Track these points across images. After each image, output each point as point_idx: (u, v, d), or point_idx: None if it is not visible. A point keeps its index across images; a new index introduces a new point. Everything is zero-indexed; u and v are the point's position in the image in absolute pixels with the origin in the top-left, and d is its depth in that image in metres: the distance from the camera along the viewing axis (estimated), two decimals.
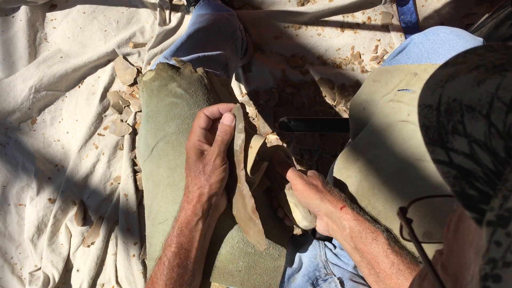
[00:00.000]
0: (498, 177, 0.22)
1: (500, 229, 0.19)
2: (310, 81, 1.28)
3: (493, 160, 0.22)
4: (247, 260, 0.62)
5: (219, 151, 0.57)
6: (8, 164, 1.25)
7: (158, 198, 0.66)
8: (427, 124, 0.25)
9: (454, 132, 0.24)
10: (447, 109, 0.25)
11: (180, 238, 0.57)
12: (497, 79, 0.24)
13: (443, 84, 0.26)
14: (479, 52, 0.27)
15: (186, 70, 0.71)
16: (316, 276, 0.64)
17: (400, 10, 1.29)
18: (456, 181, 0.23)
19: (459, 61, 0.27)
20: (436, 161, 0.24)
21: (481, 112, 0.23)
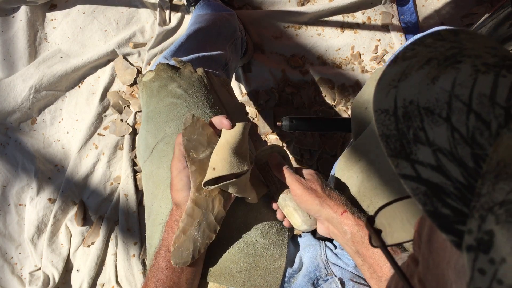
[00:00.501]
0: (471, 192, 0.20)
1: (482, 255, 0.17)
2: (310, 81, 1.27)
3: (462, 172, 0.20)
4: (247, 261, 0.62)
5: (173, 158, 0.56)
6: (8, 164, 1.25)
7: (158, 199, 0.66)
8: (386, 133, 0.23)
9: (416, 140, 0.22)
10: (405, 113, 0.23)
11: (167, 242, 0.57)
12: (451, 73, 0.22)
13: (396, 84, 0.24)
14: (427, 42, 0.25)
15: (186, 71, 0.71)
16: (317, 276, 0.64)
17: (400, 10, 1.29)
18: (427, 199, 0.21)
19: (409, 55, 0.25)
20: (402, 176, 0.22)
21: (440, 114, 0.22)
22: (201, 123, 0.56)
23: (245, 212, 0.66)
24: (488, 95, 0.21)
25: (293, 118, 0.96)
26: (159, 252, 0.57)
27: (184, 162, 0.55)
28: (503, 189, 0.18)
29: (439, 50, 0.24)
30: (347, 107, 1.26)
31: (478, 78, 0.21)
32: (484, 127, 0.20)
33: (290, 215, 0.62)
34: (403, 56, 0.25)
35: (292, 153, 1.26)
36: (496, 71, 0.22)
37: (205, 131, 0.56)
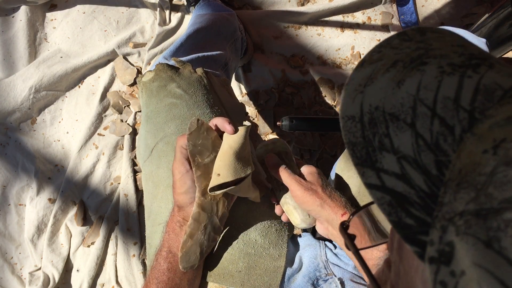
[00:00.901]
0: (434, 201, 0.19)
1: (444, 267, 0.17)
2: (310, 81, 1.27)
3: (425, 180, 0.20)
4: (247, 261, 0.62)
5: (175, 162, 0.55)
6: (8, 164, 1.25)
7: (158, 199, 0.66)
8: (353, 140, 0.22)
9: (382, 148, 0.21)
10: (371, 119, 0.22)
11: (168, 243, 0.57)
12: (417, 76, 0.21)
13: (362, 89, 0.23)
14: (394, 44, 0.24)
15: (185, 71, 0.71)
16: (317, 276, 0.64)
17: (400, 10, 1.29)
18: (392, 209, 0.20)
19: (375, 58, 0.24)
20: (368, 185, 0.21)
21: (405, 120, 0.21)
22: (205, 127, 0.55)
23: (244, 212, 0.66)
24: (453, 98, 0.20)
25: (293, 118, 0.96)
26: (160, 253, 0.57)
27: (187, 165, 0.55)
28: (463, 198, 0.17)
29: (405, 51, 0.23)
30: None
31: (443, 80, 0.21)
32: (448, 132, 0.20)
33: (290, 213, 0.62)
34: (370, 59, 0.24)
35: (292, 153, 1.26)
36: (462, 71, 0.21)
37: (209, 135, 0.56)
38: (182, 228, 0.57)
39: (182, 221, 0.57)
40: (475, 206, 0.17)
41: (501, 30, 1.02)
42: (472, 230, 0.16)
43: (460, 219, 0.17)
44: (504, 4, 0.99)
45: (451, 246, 0.17)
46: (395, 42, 0.24)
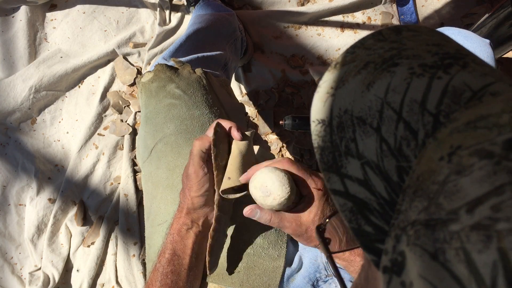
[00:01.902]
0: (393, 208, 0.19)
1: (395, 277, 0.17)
2: (310, 81, 1.27)
3: (386, 187, 0.19)
4: (246, 261, 0.62)
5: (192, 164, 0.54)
6: (8, 164, 1.25)
7: (158, 200, 0.66)
8: (321, 145, 0.22)
9: (347, 153, 0.21)
10: (339, 123, 0.21)
11: (173, 245, 0.57)
12: (386, 78, 0.21)
13: (333, 92, 0.22)
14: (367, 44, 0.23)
15: (184, 71, 0.71)
16: (317, 278, 0.64)
17: (400, 10, 1.28)
18: (352, 216, 0.20)
19: (348, 59, 0.23)
20: (332, 191, 0.21)
21: (371, 124, 0.20)
22: (223, 132, 0.56)
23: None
24: (420, 101, 0.20)
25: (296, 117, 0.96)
26: (164, 256, 0.57)
27: (205, 168, 0.54)
28: (417, 207, 0.17)
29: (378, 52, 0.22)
30: None
31: (412, 82, 0.20)
32: (411, 137, 0.19)
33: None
34: (343, 60, 0.24)
35: (292, 153, 1.26)
36: (432, 72, 0.20)
37: (225, 139, 0.56)
38: (188, 231, 0.56)
39: (190, 223, 0.56)
40: (425, 216, 0.16)
41: (501, 30, 1.02)
42: (420, 241, 0.16)
43: (412, 228, 0.17)
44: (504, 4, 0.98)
45: (403, 256, 0.17)
46: (369, 42, 0.23)
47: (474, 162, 0.16)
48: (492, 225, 0.14)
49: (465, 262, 0.14)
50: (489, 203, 0.15)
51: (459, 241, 0.15)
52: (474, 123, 0.18)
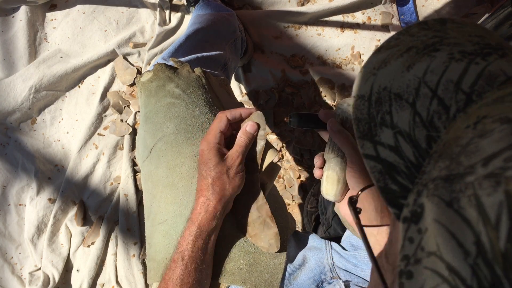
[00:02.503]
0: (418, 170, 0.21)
1: (413, 225, 0.19)
2: (310, 81, 1.27)
3: (414, 152, 0.22)
4: (247, 258, 0.63)
5: (242, 156, 0.58)
6: (8, 164, 1.25)
7: (158, 199, 0.66)
8: (359, 116, 0.25)
9: (382, 123, 0.23)
10: (378, 99, 0.24)
11: (199, 242, 0.56)
12: (426, 61, 0.23)
13: (375, 72, 0.25)
14: (412, 31, 0.26)
15: (183, 71, 0.71)
16: (322, 279, 0.65)
17: (400, 10, 1.28)
18: (380, 176, 0.22)
19: (392, 44, 0.26)
20: (364, 155, 0.23)
21: (407, 100, 0.23)
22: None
23: (244, 209, 0.66)
24: (455, 81, 0.22)
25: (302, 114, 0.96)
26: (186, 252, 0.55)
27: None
28: (440, 166, 0.19)
29: (421, 39, 0.25)
30: None
31: (450, 66, 0.22)
32: (443, 111, 0.21)
33: (329, 181, 0.56)
34: (387, 45, 0.26)
35: (292, 153, 1.26)
36: (471, 58, 0.22)
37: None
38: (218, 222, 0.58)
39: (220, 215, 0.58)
40: (446, 172, 0.18)
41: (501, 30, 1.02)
42: (439, 192, 0.18)
43: (432, 183, 0.19)
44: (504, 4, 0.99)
45: (422, 208, 0.19)
46: (414, 30, 0.26)
47: (496, 127, 0.18)
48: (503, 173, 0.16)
49: (475, 206, 0.16)
50: (502, 156, 0.17)
51: (472, 189, 0.17)
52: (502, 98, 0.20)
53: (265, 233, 0.59)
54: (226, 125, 0.59)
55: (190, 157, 0.65)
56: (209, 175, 0.57)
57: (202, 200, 0.57)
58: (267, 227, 0.59)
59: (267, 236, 0.59)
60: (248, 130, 0.59)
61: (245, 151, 0.59)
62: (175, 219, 0.63)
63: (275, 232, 0.60)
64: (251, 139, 0.60)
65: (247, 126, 0.59)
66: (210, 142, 0.58)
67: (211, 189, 0.57)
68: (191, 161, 0.65)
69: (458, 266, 0.16)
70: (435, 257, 0.17)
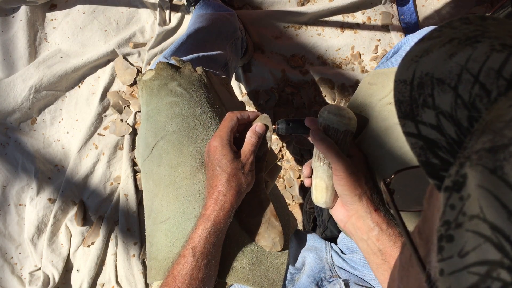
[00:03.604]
0: (459, 146, 0.23)
1: (455, 194, 0.20)
2: (310, 81, 1.28)
3: (456, 130, 0.23)
4: (251, 257, 0.63)
5: (254, 154, 0.60)
6: (8, 164, 1.25)
7: (159, 197, 0.66)
8: (400, 99, 0.26)
9: (424, 105, 0.25)
10: (420, 83, 0.26)
11: (212, 238, 0.56)
12: (468, 51, 0.24)
13: (417, 59, 0.27)
14: (454, 25, 0.27)
15: (185, 70, 0.71)
16: (321, 278, 0.65)
17: (400, 10, 1.29)
18: (422, 151, 0.24)
19: (435, 35, 0.27)
20: (406, 133, 0.25)
21: (450, 84, 0.24)
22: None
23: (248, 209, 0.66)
24: (497, 69, 0.23)
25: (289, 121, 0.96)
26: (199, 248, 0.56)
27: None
28: (482, 140, 0.20)
29: (463, 31, 0.26)
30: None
31: (492, 55, 0.23)
32: (484, 95, 0.23)
33: (318, 189, 0.58)
34: (430, 36, 0.28)
35: (292, 153, 1.26)
36: (511, 50, 0.23)
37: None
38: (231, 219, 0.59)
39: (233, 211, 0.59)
40: (489, 144, 0.19)
41: None
42: (482, 161, 0.19)
43: (476, 154, 0.20)
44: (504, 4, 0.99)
45: (464, 177, 0.20)
46: (456, 23, 0.27)
47: None
48: None
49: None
50: None
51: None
52: None
53: (269, 232, 0.60)
54: (236, 124, 0.60)
55: (192, 156, 0.65)
56: (225, 171, 0.57)
57: (218, 196, 0.57)
58: (271, 226, 0.60)
59: (271, 235, 0.60)
60: (258, 131, 0.61)
61: (255, 150, 0.60)
62: (178, 217, 0.63)
63: (280, 230, 0.61)
64: (260, 139, 0.61)
65: (257, 127, 0.61)
66: (223, 139, 0.58)
67: (227, 185, 0.57)
68: (193, 160, 0.65)
69: (502, 224, 0.17)
70: (477, 219, 0.18)
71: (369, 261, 0.56)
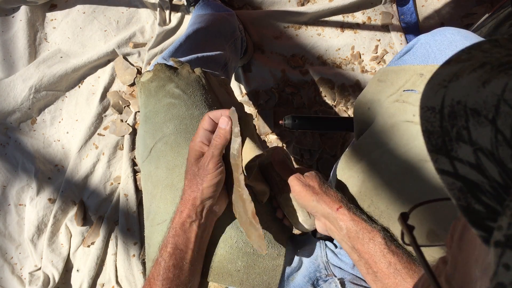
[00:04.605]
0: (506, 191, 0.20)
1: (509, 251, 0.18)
2: (310, 81, 1.27)
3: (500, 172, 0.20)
4: (245, 260, 0.63)
5: (212, 155, 0.57)
6: (8, 164, 1.25)
7: (157, 199, 0.66)
8: (430, 129, 0.24)
9: (459, 139, 0.22)
10: (451, 112, 0.23)
11: (175, 239, 0.57)
12: (504, 78, 0.22)
13: (446, 84, 0.24)
14: (484, 47, 0.25)
15: (183, 71, 0.71)
16: (317, 277, 0.65)
17: (400, 10, 1.28)
18: (462, 195, 0.21)
19: (463, 58, 0.25)
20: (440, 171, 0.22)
21: (487, 116, 0.22)
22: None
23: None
24: None
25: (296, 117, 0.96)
26: (166, 249, 0.57)
27: (221, 160, 0.58)
28: None
29: (495, 56, 0.24)
30: (347, 107, 1.26)
31: None
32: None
33: (291, 214, 0.62)
34: (458, 58, 0.25)
35: (292, 153, 1.26)
36: None
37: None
38: (192, 225, 0.57)
39: (195, 216, 0.57)
40: None
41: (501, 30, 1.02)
42: None
43: None
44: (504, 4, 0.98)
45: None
46: (486, 46, 0.25)
47: None
48: None
49: None
50: None
51: None
52: None
53: (253, 234, 0.58)
54: (210, 123, 0.59)
55: None
56: (185, 176, 0.59)
57: (180, 200, 0.59)
58: (253, 228, 0.58)
59: (255, 238, 0.58)
60: (220, 125, 0.58)
61: (216, 149, 0.57)
62: None
63: (260, 234, 0.57)
64: (222, 135, 0.58)
65: (219, 121, 0.58)
66: (193, 141, 0.59)
67: (185, 189, 0.58)
68: None
69: None
70: None
71: (350, 257, 0.58)
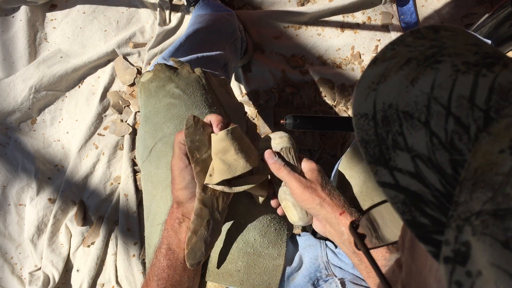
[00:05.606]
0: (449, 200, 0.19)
1: (459, 267, 0.17)
2: (310, 81, 1.27)
3: (440, 179, 0.19)
4: (246, 260, 0.63)
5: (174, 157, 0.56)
6: (8, 164, 1.25)
7: (157, 199, 0.66)
8: (365, 138, 0.22)
9: (395, 146, 0.21)
10: (384, 118, 0.22)
11: (167, 240, 0.57)
12: (431, 74, 0.21)
13: (375, 87, 0.23)
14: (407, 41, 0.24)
15: (184, 71, 0.71)
16: (317, 277, 0.65)
17: (400, 10, 1.28)
18: (405, 208, 0.20)
19: (388, 55, 0.24)
20: (381, 183, 0.21)
21: (419, 119, 0.21)
22: (201, 123, 0.56)
23: (243, 211, 0.66)
24: (468, 96, 0.20)
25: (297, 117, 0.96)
26: (160, 251, 0.57)
27: (185, 160, 0.55)
28: (480, 198, 0.17)
29: (419, 49, 0.23)
30: (347, 107, 1.26)
31: (458, 79, 0.21)
32: (462, 131, 0.20)
33: (288, 209, 0.61)
34: (383, 56, 0.24)
35: None
36: (476, 70, 0.21)
37: (205, 131, 0.56)
38: (181, 225, 0.57)
39: (181, 217, 0.57)
40: (492, 206, 0.16)
41: (501, 30, 1.02)
42: (490, 230, 0.16)
43: (477, 219, 0.17)
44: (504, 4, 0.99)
45: (467, 246, 0.17)
46: (409, 39, 0.24)
47: None
48: None
49: None
50: None
51: None
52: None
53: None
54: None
55: None
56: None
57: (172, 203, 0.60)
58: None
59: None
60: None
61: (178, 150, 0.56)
62: None
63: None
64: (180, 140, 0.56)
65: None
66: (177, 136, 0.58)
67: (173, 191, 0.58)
68: None
69: None
70: None
71: (352, 261, 0.58)
